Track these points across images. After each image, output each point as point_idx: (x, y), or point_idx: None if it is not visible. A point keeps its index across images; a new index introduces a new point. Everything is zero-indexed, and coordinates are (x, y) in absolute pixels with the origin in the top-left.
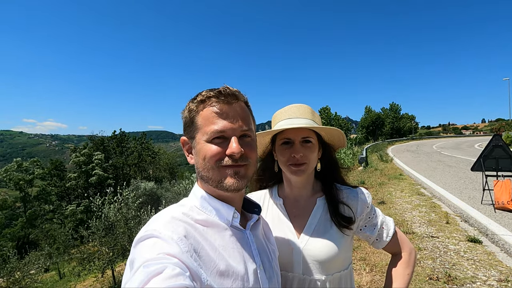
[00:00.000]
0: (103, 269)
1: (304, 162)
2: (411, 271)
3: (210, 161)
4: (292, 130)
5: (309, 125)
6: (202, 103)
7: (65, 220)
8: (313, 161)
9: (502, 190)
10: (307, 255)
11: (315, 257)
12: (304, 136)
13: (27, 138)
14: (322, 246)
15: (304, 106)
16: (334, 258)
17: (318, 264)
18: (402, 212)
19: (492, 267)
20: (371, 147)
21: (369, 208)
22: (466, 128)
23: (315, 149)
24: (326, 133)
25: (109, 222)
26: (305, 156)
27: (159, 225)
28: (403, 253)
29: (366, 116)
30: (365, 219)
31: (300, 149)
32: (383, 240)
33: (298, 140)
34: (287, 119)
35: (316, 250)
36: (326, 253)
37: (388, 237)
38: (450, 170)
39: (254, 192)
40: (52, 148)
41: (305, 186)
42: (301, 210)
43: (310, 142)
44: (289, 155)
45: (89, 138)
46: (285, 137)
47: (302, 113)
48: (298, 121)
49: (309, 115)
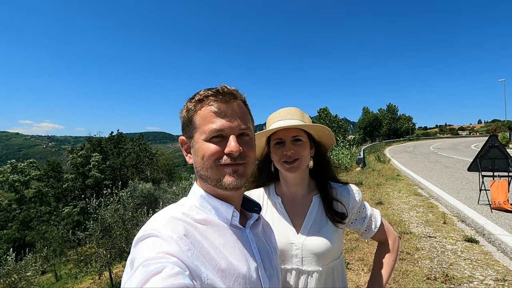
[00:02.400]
0: (100, 271)
1: (296, 158)
2: (395, 257)
3: (209, 160)
4: (282, 130)
5: (297, 125)
6: (200, 102)
7: (61, 222)
8: (305, 158)
9: (498, 190)
10: (306, 249)
11: (313, 251)
12: (294, 135)
13: (24, 139)
14: (320, 241)
15: (293, 108)
16: (330, 251)
17: (315, 257)
18: (400, 212)
19: (489, 266)
20: (368, 148)
21: (359, 203)
22: (463, 129)
23: (306, 147)
24: (314, 131)
25: (106, 224)
26: (297, 152)
27: (158, 225)
28: (389, 241)
29: (363, 117)
30: (356, 213)
31: (292, 147)
32: (371, 231)
33: (289, 139)
34: (278, 121)
35: (314, 245)
36: (323, 247)
37: (376, 228)
38: (447, 170)
39: (252, 190)
40: (49, 149)
41: (301, 184)
42: (299, 208)
43: (301, 140)
44: (282, 153)
45: (86, 139)
46: (277, 138)
47: (291, 114)
48: (287, 122)
49: (298, 116)
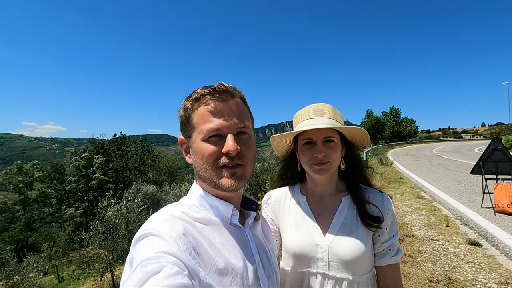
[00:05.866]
0: (102, 273)
1: (327, 161)
2: None
3: (208, 160)
4: (313, 131)
5: (331, 125)
6: (197, 101)
7: (64, 224)
8: (336, 160)
9: (502, 194)
10: (333, 253)
11: (342, 255)
12: (326, 136)
13: (27, 141)
14: (349, 245)
15: (325, 105)
16: (361, 258)
17: (344, 263)
18: (402, 215)
19: (492, 270)
20: (371, 150)
21: (389, 215)
22: (466, 132)
23: (337, 149)
24: (348, 132)
25: (110, 225)
26: (328, 155)
27: (157, 224)
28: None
29: (366, 120)
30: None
31: (323, 149)
32: (382, 260)
33: (320, 140)
34: (308, 119)
35: (343, 248)
36: (354, 252)
37: (391, 260)
38: (450, 173)
39: (275, 189)
40: (52, 151)
41: (329, 184)
42: (326, 208)
43: (333, 141)
44: (312, 155)
45: (89, 142)
46: (307, 138)
47: (323, 112)
48: (319, 121)
49: (330, 114)
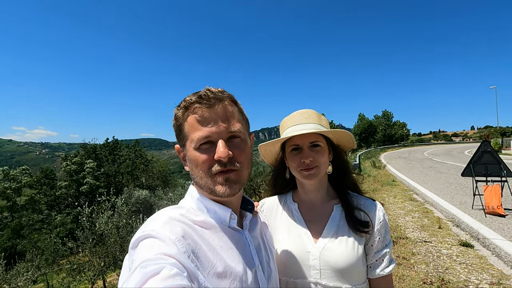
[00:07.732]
0: (94, 280)
1: (315, 165)
2: None
3: (202, 168)
4: (299, 136)
5: (315, 130)
6: (186, 110)
7: (54, 230)
8: (324, 164)
9: (491, 195)
10: (324, 260)
11: (334, 263)
12: (312, 141)
13: (17, 146)
14: (341, 252)
15: (309, 111)
16: (353, 266)
17: (336, 271)
18: (396, 217)
19: (484, 270)
20: (364, 154)
21: (382, 224)
22: (456, 135)
23: (324, 153)
24: (334, 136)
25: (98, 232)
26: (315, 160)
27: (157, 226)
28: None
29: (359, 123)
30: (374, 236)
31: (310, 153)
32: (375, 271)
33: (306, 146)
34: (293, 125)
35: (335, 256)
36: (345, 259)
37: (382, 272)
38: (441, 176)
39: (268, 198)
40: (42, 156)
41: (319, 190)
42: (317, 215)
43: (319, 146)
44: (299, 161)
45: (80, 146)
46: (294, 144)
47: (307, 118)
48: (304, 126)
49: (315, 119)
